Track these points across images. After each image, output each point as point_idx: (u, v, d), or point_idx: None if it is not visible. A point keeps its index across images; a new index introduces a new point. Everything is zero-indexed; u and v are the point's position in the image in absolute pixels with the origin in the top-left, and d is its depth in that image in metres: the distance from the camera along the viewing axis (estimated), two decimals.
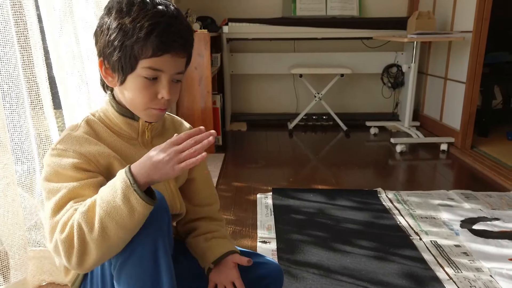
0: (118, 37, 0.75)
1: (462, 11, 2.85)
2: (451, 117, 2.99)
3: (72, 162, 0.74)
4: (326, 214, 1.81)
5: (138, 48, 0.74)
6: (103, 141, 0.79)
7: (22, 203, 1.15)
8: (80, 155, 0.75)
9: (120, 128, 0.83)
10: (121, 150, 0.81)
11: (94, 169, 0.76)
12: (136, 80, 0.77)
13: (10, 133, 1.09)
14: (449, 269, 1.40)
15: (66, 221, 0.69)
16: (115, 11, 0.75)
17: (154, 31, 0.73)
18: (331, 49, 3.58)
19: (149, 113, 0.81)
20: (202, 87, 2.64)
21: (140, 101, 0.78)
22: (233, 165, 2.52)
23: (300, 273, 1.37)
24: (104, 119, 0.83)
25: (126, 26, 0.74)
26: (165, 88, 0.77)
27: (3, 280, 1.12)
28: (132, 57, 0.75)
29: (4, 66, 1.04)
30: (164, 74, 0.77)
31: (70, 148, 0.75)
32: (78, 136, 0.78)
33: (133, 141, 0.84)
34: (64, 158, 0.74)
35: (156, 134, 0.88)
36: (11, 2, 1.04)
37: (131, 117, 0.82)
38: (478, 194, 2.05)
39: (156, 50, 0.74)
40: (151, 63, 0.75)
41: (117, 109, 0.82)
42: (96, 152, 0.76)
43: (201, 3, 3.44)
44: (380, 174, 2.43)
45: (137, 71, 0.76)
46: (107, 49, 0.77)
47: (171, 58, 0.76)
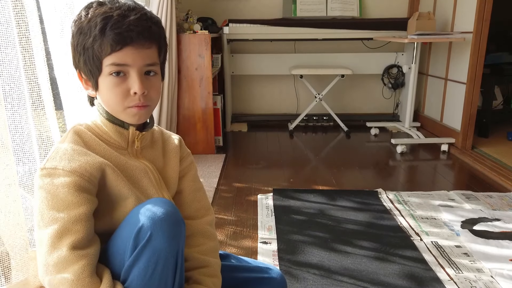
0: (79, 41, 0.74)
1: (462, 12, 2.86)
2: (452, 117, 2.99)
3: (66, 182, 0.70)
4: (327, 215, 1.81)
5: (97, 47, 0.72)
6: (92, 149, 0.76)
7: (23, 204, 1.15)
8: (71, 171, 0.71)
9: (109, 136, 0.80)
10: (111, 158, 0.78)
11: (89, 185, 0.73)
12: (106, 81, 0.75)
13: (11, 134, 1.09)
14: (449, 269, 1.40)
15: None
16: (76, 19, 0.75)
17: (107, 25, 0.71)
18: (331, 50, 3.58)
19: (130, 113, 0.77)
20: (202, 88, 2.64)
21: (114, 101, 0.76)
22: (233, 166, 2.52)
23: (301, 273, 1.37)
24: (93, 127, 0.79)
25: (84, 28, 0.73)
26: (136, 82, 0.74)
27: (5, 281, 1.12)
28: (95, 58, 0.73)
29: (6, 67, 1.05)
30: (131, 68, 0.74)
31: (59, 166, 0.71)
32: (66, 149, 0.74)
33: (123, 151, 0.81)
34: (56, 178, 0.71)
35: (145, 145, 0.85)
36: (13, 3, 1.04)
37: (121, 124, 0.80)
38: (479, 194, 2.05)
39: (114, 44, 0.72)
40: (113, 59, 0.73)
41: (106, 116, 0.79)
42: (86, 163, 0.73)
43: (202, 4, 3.45)
44: (381, 174, 2.43)
45: (104, 71, 0.74)
46: (75, 57, 0.76)
47: (134, 50, 0.73)
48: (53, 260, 0.69)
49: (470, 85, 2.74)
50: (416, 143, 2.96)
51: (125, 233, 0.73)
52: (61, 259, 0.69)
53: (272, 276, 0.95)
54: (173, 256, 0.72)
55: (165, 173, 0.88)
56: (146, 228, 0.69)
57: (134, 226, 0.71)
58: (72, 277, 0.69)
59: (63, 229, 0.70)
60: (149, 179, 0.83)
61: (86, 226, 0.71)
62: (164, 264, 0.71)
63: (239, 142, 3.12)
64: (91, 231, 0.74)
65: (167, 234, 0.70)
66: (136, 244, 0.70)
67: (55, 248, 0.69)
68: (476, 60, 2.70)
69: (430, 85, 3.38)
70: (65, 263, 0.69)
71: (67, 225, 0.70)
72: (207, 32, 2.62)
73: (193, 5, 3.19)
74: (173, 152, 0.90)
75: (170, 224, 0.71)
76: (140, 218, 0.70)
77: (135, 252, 0.70)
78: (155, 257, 0.70)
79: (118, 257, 0.74)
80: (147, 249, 0.69)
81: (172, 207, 0.74)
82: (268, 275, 0.95)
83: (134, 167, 0.81)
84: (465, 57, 2.79)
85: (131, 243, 0.70)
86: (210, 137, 2.71)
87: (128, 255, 0.71)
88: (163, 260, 0.70)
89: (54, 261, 0.69)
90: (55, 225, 0.70)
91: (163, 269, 0.71)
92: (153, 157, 0.86)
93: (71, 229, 0.70)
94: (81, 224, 0.71)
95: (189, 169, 0.93)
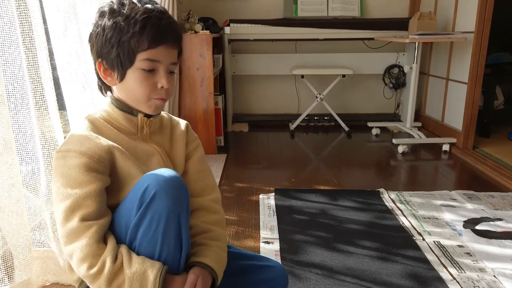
0: (115, 34, 0.80)
1: (463, 12, 2.86)
2: (453, 117, 2.99)
3: (77, 163, 0.78)
4: (329, 215, 1.81)
5: (134, 42, 0.79)
6: (105, 135, 0.83)
7: (26, 203, 1.15)
8: (82, 153, 0.78)
9: (120, 123, 0.86)
10: (122, 142, 0.84)
11: (98, 166, 0.79)
12: (136, 73, 0.81)
13: (14, 133, 1.09)
14: (452, 269, 1.40)
15: (83, 248, 0.75)
16: (108, 12, 0.81)
17: (148, 25, 0.79)
18: (332, 50, 3.58)
19: (152, 104, 0.84)
20: (204, 88, 2.64)
21: (141, 92, 0.83)
22: (235, 166, 2.52)
23: (303, 273, 1.37)
24: (105, 115, 0.86)
25: (121, 24, 0.79)
26: (164, 77, 0.82)
27: (8, 280, 1.12)
28: (130, 52, 0.80)
29: (9, 67, 1.05)
30: (161, 64, 0.82)
31: (72, 149, 0.79)
32: (79, 135, 0.81)
33: (133, 136, 0.88)
34: (68, 159, 0.78)
35: (154, 130, 0.91)
36: (17, 3, 1.04)
37: (130, 112, 0.87)
38: (481, 194, 2.05)
39: (152, 42, 0.79)
40: (148, 55, 0.80)
41: (117, 105, 0.86)
42: (96, 147, 0.80)
43: (203, 4, 3.45)
44: (382, 174, 2.43)
45: (136, 64, 0.81)
46: (104, 48, 0.81)
47: (166, 49, 0.82)
48: (66, 230, 0.77)
49: (471, 85, 2.74)
50: (417, 143, 2.96)
51: (131, 195, 0.79)
52: (72, 229, 0.76)
53: (272, 264, 0.99)
54: (175, 217, 0.76)
55: (173, 155, 0.94)
56: (150, 188, 0.75)
57: (140, 187, 0.76)
58: (82, 243, 0.76)
59: (75, 204, 0.77)
60: (158, 161, 0.89)
61: (96, 201, 0.78)
62: (166, 224, 0.75)
63: (240, 142, 3.12)
64: (102, 206, 0.80)
65: (170, 195, 0.75)
66: (141, 204, 0.75)
67: (68, 220, 0.77)
68: (477, 60, 2.70)
69: (431, 85, 3.38)
70: (76, 233, 0.76)
71: (79, 200, 0.77)
72: (209, 32, 2.62)
73: (194, 5, 3.19)
74: (180, 136, 0.96)
75: (173, 186, 0.76)
76: (146, 181, 0.76)
77: (139, 211, 0.75)
78: (157, 216, 0.75)
79: (125, 218, 0.79)
80: (151, 207, 0.75)
81: (176, 174, 0.79)
82: (268, 263, 0.99)
83: (144, 150, 0.87)
84: (466, 57, 2.79)
85: (136, 203, 0.76)
86: (211, 137, 2.71)
87: (134, 214, 0.76)
88: (164, 219, 0.75)
89: (67, 232, 0.77)
90: (68, 201, 0.77)
91: (166, 229, 0.76)
92: (161, 141, 0.92)
93: (82, 203, 0.77)
94: (92, 200, 0.77)
95: (195, 151, 0.99)
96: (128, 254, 0.77)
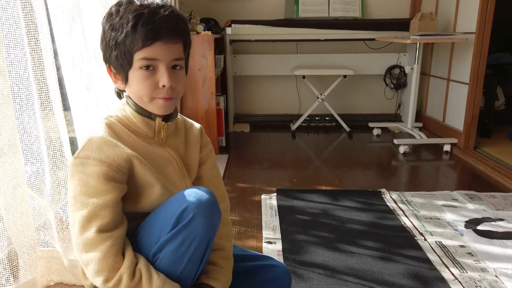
0: (112, 36, 0.78)
1: (464, 12, 2.86)
2: (454, 118, 3.00)
3: (96, 171, 0.77)
4: (331, 215, 1.82)
5: (129, 42, 0.77)
6: (122, 140, 0.82)
7: (31, 203, 1.16)
8: (101, 161, 0.77)
9: (137, 127, 0.85)
10: (140, 148, 0.83)
11: (117, 175, 0.79)
12: (136, 74, 0.80)
13: (20, 134, 1.10)
14: (454, 269, 1.41)
15: (100, 260, 0.76)
16: (107, 16, 0.81)
17: (139, 22, 0.76)
18: (333, 51, 3.59)
19: (157, 104, 0.82)
20: (205, 89, 2.65)
21: (143, 92, 0.80)
22: (236, 166, 2.53)
23: (306, 273, 1.37)
24: (123, 119, 0.85)
25: (116, 25, 0.78)
26: (164, 76, 0.79)
27: (13, 280, 1.13)
28: (127, 53, 0.78)
29: (14, 68, 1.06)
30: (160, 62, 0.79)
31: (91, 156, 0.77)
32: (97, 140, 0.79)
33: (150, 140, 0.86)
34: (87, 167, 0.77)
35: (170, 133, 0.90)
36: (22, 4, 1.05)
37: (148, 115, 0.85)
38: (482, 194, 2.05)
39: (145, 39, 0.76)
40: (144, 53, 0.77)
41: (135, 108, 0.84)
42: (115, 154, 0.78)
43: (205, 5, 3.46)
44: (384, 175, 2.43)
45: (135, 65, 0.79)
46: (107, 52, 0.81)
47: (163, 45, 0.78)
48: (82, 240, 0.77)
49: (472, 86, 2.75)
50: (418, 144, 2.97)
51: (168, 210, 0.79)
52: (89, 240, 0.76)
53: (276, 264, 1.01)
54: (206, 241, 0.78)
55: (187, 160, 0.93)
56: (189, 209, 0.76)
57: (178, 205, 0.77)
58: (99, 255, 0.76)
59: (92, 213, 0.77)
60: (173, 167, 0.88)
61: (113, 211, 0.78)
62: (196, 247, 0.77)
63: (242, 142, 3.13)
64: (118, 215, 0.80)
65: (207, 220, 0.77)
66: (177, 222, 0.76)
67: (85, 230, 0.77)
68: (478, 61, 2.70)
69: (432, 85, 3.38)
70: (93, 244, 0.76)
71: (96, 210, 0.77)
72: (210, 33, 2.62)
73: (196, 6, 3.20)
74: (194, 141, 0.95)
75: (211, 212, 0.77)
76: (185, 199, 0.77)
77: (175, 229, 0.76)
78: (191, 238, 0.76)
79: (157, 230, 0.79)
80: (186, 229, 0.76)
81: (214, 197, 0.80)
82: (272, 263, 1.01)
83: (160, 156, 0.86)
84: (467, 57, 2.80)
85: (173, 220, 0.76)
86: (213, 138, 2.72)
87: (168, 230, 0.77)
88: (197, 243, 0.77)
89: (83, 241, 0.77)
90: (85, 210, 0.77)
91: (195, 251, 0.77)
92: (176, 145, 0.92)
93: (99, 214, 0.77)
94: (108, 210, 0.77)
95: (208, 156, 0.99)
96: (147, 273, 0.77)
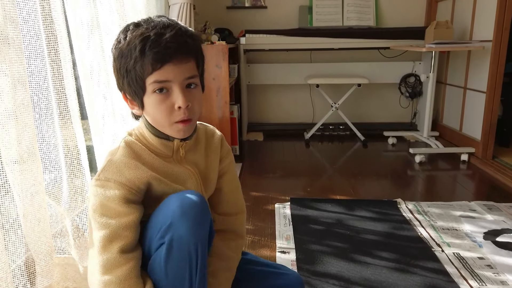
0: (122, 64, 0.77)
1: (481, 20, 2.83)
2: (471, 127, 2.95)
3: (116, 195, 0.77)
4: (345, 225, 1.80)
5: (139, 67, 0.75)
6: (142, 160, 0.82)
7: (48, 211, 1.18)
8: (122, 185, 0.78)
9: (156, 148, 0.84)
10: (159, 168, 0.83)
11: (136, 197, 0.80)
12: (151, 99, 0.78)
13: (39, 142, 1.12)
14: (473, 282, 1.37)
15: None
16: (116, 43, 0.79)
17: (146, 46, 0.73)
18: (348, 59, 3.58)
19: (176, 129, 0.81)
20: (219, 98, 2.67)
21: (161, 117, 0.79)
22: (250, 175, 2.53)
23: (320, 284, 1.36)
24: (141, 138, 0.84)
25: (124, 51, 0.76)
26: (179, 97, 0.76)
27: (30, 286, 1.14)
28: (138, 78, 0.76)
29: (34, 78, 1.09)
30: (173, 83, 0.76)
31: (111, 178, 0.78)
32: (117, 161, 0.80)
33: (168, 158, 0.86)
34: (108, 189, 0.78)
35: (189, 148, 0.89)
36: (43, 17, 1.08)
37: (166, 138, 0.84)
38: (501, 205, 2.00)
39: (154, 63, 0.74)
40: (155, 77, 0.75)
41: (152, 131, 0.84)
42: (135, 177, 0.79)
43: (219, 15, 3.50)
44: (399, 184, 2.40)
45: (148, 90, 0.77)
46: (119, 80, 0.80)
47: (174, 66, 0.75)
48: (103, 260, 0.77)
49: (490, 94, 2.70)
50: (434, 153, 2.92)
51: (158, 218, 0.80)
52: (111, 260, 0.77)
53: (287, 272, 1.01)
54: (194, 246, 0.77)
55: (207, 174, 0.93)
56: (174, 218, 0.76)
57: (166, 212, 0.77)
58: (120, 277, 0.76)
59: (114, 234, 0.77)
60: (192, 183, 0.88)
61: (134, 232, 0.79)
62: (184, 254, 0.76)
63: (256, 151, 3.13)
64: (138, 236, 0.81)
65: (191, 226, 0.76)
66: (164, 232, 0.76)
67: (106, 250, 0.77)
68: (496, 69, 2.66)
69: (449, 94, 3.34)
70: (115, 265, 0.77)
71: (118, 230, 0.78)
72: (225, 43, 2.65)
73: (211, 16, 3.24)
74: (214, 152, 0.94)
75: (196, 218, 0.77)
76: (171, 208, 0.77)
77: (162, 239, 0.77)
78: (177, 247, 0.76)
79: (149, 235, 0.81)
80: (173, 238, 0.76)
81: (202, 203, 0.79)
82: (283, 271, 1.00)
83: (179, 173, 0.86)
84: (484, 66, 2.76)
85: (162, 229, 0.77)
86: None
87: (158, 238, 0.78)
88: (184, 250, 0.76)
89: (104, 262, 0.77)
90: (107, 230, 0.77)
91: (183, 259, 0.77)
92: (195, 160, 0.90)
93: (121, 234, 0.78)
94: (130, 231, 0.78)
95: (228, 168, 0.98)
96: None
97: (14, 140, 0.98)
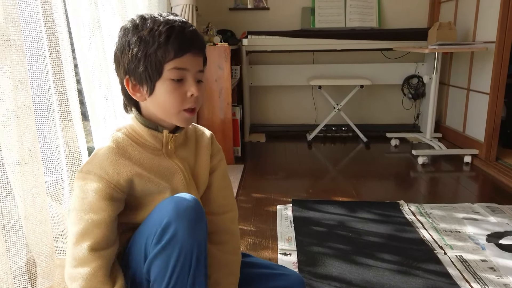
0: (141, 48, 0.80)
1: (484, 21, 2.82)
2: (475, 128, 2.93)
3: (94, 188, 0.80)
4: (347, 227, 1.79)
5: (161, 53, 0.80)
6: (128, 155, 0.83)
7: (50, 212, 1.18)
8: (101, 178, 0.80)
9: (145, 140, 0.87)
10: (146, 162, 0.85)
11: (115, 193, 0.81)
12: (165, 85, 0.82)
13: (40, 144, 1.12)
14: (475, 284, 1.36)
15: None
16: (132, 29, 0.82)
17: (172, 34, 0.80)
18: (350, 61, 3.58)
19: (182, 117, 0.85)
20: (222, 99, 2.67)
21: (172, 104, 0.83)
22: (252, 176, 2.53)
23: (322, 286, 1.35)
24: (131, 132, 0.87)
25: (146, 37, 0.80)
26: (193, 85, 0.82)
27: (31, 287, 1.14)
28: (157, 63, 0.80)
29: (36, 79, 1.09)
30: (189, 73, 0.82)
31: (92, 171, 0.80)
32: (101, 156, 0.82)
33: (158, 151, 0.88)
34: (88, 182, 0.80)
35: (179, 144, 0.91)
36: (44, 18, 1.08)
37: (155, 128, 0.87)
38: (504, 207, 1.99)
39: (178, 50, 0.80)
40: (175, 63, 0.81)
41: (142, 121, 0.87)
42: (116, 172, 0.81)
43: (221, 17, 3.50)
44: (402, 186, 2.39)
45: (164, 75, 0.81)
46: (131, 64, 0.82)
47: (192, 56, 0.82)
48: (74, 254, 0.80)
49: (493, 96, 2.69)
50: (437, 154, 2.91)
51: (152, 221, 0.80)
52: (80, 256, 0.79)
53: (288, 273, 1.00)
54: (190, 249, 0.77)
55: (197, 171, 0.94)
56: (169, 222, 0.76)
57: (161, 216, 0.78)
58: (87, 274, 0.79)
59: (86, 230, 0.80)
60: (180, 179, 0.89)
61: (104, 230, 0.80)
62: (184, 258, 0.77)
63: (258, 152, 3.13)
64: (112, 233, 0.82)
65: (189, 228, 0.77)
66: (160, 237, 0.77)
67: (77, 245, 0.80)
68: (499, 70, 2.65)
69: (452, 95, 3.33)
70: (83, 261, 0.79)
71: (90, 227, 0.80)
72: (227, 44, 2.65)
73: (213, 18, 3.24)
74: (204, 149, 0.96)
75: (192, 220, 0.78)
76: (166, 211, 0.78)
77: (159, 245, 0.77)
78: (177, 251, 0.76)
79: (142, 239, 0.81)
80: (170, 242, 0.76)
81: (197, 205, 0.80)
82: (284, 271, 1.00)
83: (167, 168, 0.88)
84: (487, 67, 2.74)
85: (157, 233, 0.77)
86: (229, 148, 2.73)
87: (154, 242, 0.78)
88: (183, 254, 0.77)
89: (74, 256, 0.80)
90: (80, 225, 0.80)
91: (184, 263, 0.77)
92: (185, 155, 0.92)
93: (91, 231, 0.80)
94: (100, 229, 0.80)
95: (218, 165, 0.99)
96: None
97: (15, 142, 0.98)
